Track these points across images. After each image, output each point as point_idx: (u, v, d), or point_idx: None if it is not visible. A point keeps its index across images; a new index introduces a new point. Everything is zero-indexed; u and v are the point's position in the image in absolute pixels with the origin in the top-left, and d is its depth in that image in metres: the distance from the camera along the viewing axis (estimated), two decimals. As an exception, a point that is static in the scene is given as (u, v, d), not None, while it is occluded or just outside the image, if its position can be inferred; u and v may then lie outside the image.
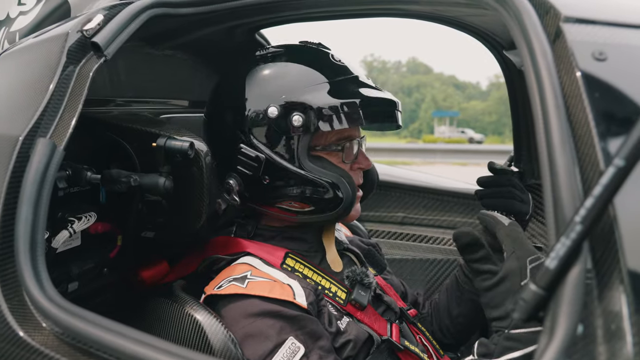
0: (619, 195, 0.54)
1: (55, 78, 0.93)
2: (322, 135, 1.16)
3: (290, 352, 0.96)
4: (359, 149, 1.22)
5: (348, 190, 1.13)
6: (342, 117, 1.11)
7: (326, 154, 1.17)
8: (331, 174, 1.14)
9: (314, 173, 1.13)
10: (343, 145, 1.18)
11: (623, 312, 0.53)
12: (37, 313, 0.71)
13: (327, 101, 1.11)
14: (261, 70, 1.19)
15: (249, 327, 1.00)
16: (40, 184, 0.78)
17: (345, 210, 1.15)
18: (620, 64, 0.65)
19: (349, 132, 1.19)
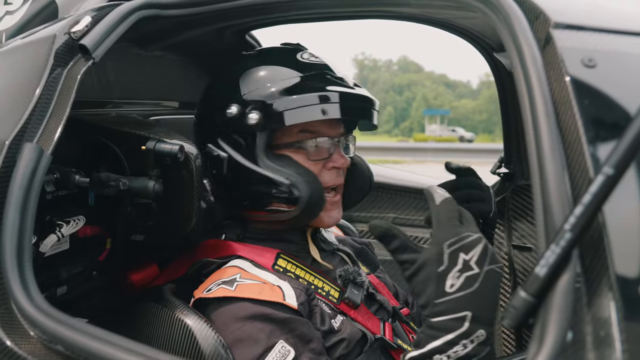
0: (608, 202, 0.54)
1: (42, 81, 0.91)
2: (285, 132, 1.16)
3: (280, 355, 0.96)
4: (335, 147, 1.19)
5: (306, 189, 1.11)
6: (296, 112, 1.10)
7: (292, 152, 1.17)
8: (290, 172, 1.12)
9: (272, 171, 1.13)
10: (305, 143, 1.16)
11: (612, 318, 0.53)
12: (25, 321, 0.70)
13: (283, 98, 1.11)
14: (229, 72, 1.23)
15: (238, 332, 1.00)
16: (27, 189, 0.77)
17: (307, 209, 1.13)
18: (609, 70, 0.65)
19: (316, 129, 1.17)
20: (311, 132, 1.17)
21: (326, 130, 1.19)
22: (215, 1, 1.20)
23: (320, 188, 1.15)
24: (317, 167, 1.17)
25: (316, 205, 1.14)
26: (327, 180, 1.18)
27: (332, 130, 1.20)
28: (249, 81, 1.18)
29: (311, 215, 1.16)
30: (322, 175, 1.18)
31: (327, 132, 1.19)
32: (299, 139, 1.17)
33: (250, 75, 1.19)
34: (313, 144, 1.17)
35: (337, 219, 1.23)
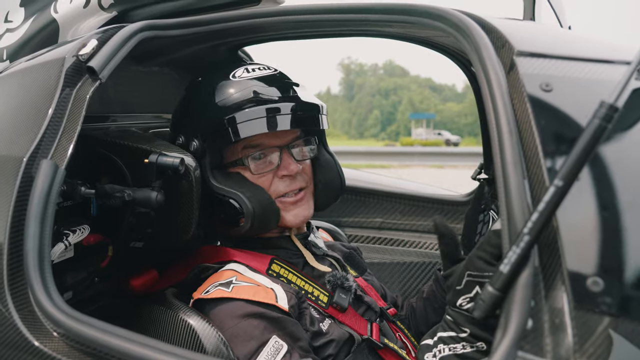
0: (561, 209, 0.64)
1: (54, 101, 0.99)
2: (230, 151, 1.26)
3: (274, 350, 1.04)
4: (283, 155, 1.25)
5: (248, 204, 1.19)
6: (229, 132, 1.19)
7: (240, 169, 1.26)
8: (232, 191, 1.21)
9: (219, 191, 1.22)
10: (247, 159, 1.24)
11: (565, 308, 0.62)
12: (48, 322, 0.78)
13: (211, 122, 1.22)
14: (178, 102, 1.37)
15: (235, 329, 1.07)
16: (45, 202, 0.84)
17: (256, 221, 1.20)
18: (564, 94, 0.74)
19: (258, 142, 1.24)
20: (254, 147, 1.25)
21: (269, 141, 1.25)
22: (212, 22, 1.28)
23: (265, 200, 1.22)
24: (268, 178, 1.25)
25: (265, 215, 1.21)
26: (280, 189, 1.26)
27: (277, 140, 1.26)
28: (188, 111, 1.29)
29: (264, 225, 1.24)
30: (275, 185, 1.25)
31: (271, 142, 1.25)
32: (244, 155, 1.25)
33: (190, 104, 1.31)
34: (255, 158, 1.25)
35: (304, 215, 1.29)
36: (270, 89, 1.26)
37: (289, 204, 1.27)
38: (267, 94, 1.24)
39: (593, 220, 0.65)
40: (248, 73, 1.29)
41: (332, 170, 1.38)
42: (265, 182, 1.25)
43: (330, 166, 1.38)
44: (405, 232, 2.11)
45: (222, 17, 1.28)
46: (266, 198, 1.22)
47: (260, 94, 1.24)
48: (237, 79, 1.28)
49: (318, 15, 1.21)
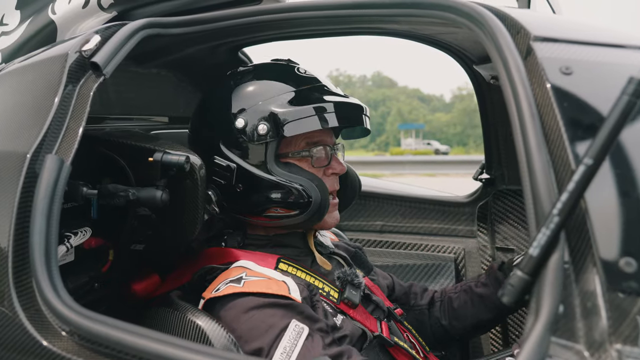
0: (589, 191, 0.62)
1: (57, 97, 0.96)
2: (290, 141, 1.23)
3: (295, 333, 1.01)
4: (332, 154, 1.27)
5: (317, 193, 1.18)
6: (304, 122, 1.18)
7: (297, 160, 1.24)
8: (300, 178, 1.20)
9: (283, 178, 1.20)
10: (311, 151, 1.24)
11: (597, 291, 0.61)
12: (56, 320, 0.74)
13: (289, 108, 1.19)
14: (231, 86, 1.29)
15: (251, 321, 1.05)
16: (52, 197, 0.81)
17: (317, 212, 1.20)
18: (584, 77, 0.74)
19: (318, 138, 1.25)
20: (313, 141, 1.25)
21: (325, 138, 1.27)
22: (214, 20, 1.26)
23: (327, 192, 1.22)
24: (319, 174, 1.25)
25: (324, 208, 1.21)
26: (328, 186, 1.25)
27: (330, 138, 1.29)
28: (251, 94, 1.24)
29: (319, 217, 1.23)
30: (324, 181, 1.25)
31: (326, 140, 1.27)
32: (303, 147, 1.25)
33: (252, 89, 1.26)
34: (315, 152, 1.25)
35: (337, 219, 1.31)
36: (331, 89, 1.28)
37: (331, 205, 1.27)
38: (333, 92, 1.27)
39: (622, 200, 0.64)
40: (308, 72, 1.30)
41: (354, 177, 1.40)
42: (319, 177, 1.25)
43: (353, 174, 1.40)
44: (406, 235, 2.10)
45: (224, 15, 1.26)
46: (327, 191, 1.23)
47: (328, 91, 1.26)
48: (302, 74, 1.28)
49: (321, 12, 1.20)
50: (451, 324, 1.47)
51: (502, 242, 1.91)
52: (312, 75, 1.29)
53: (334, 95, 1.25)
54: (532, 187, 0.66)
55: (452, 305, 1.48)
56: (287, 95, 1.21)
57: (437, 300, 1.51)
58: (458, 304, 1.46)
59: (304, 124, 1.17)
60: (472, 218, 2.00)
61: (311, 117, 1.18)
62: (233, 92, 1.27)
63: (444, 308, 1.49)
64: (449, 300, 1.49)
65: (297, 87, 1.24)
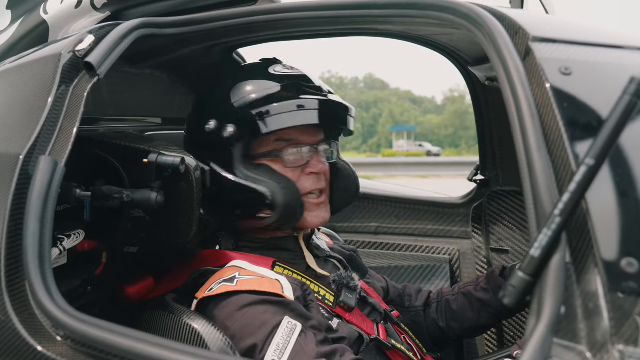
0: (590, 191, 0.62)
1: (50, 97, 0.95)
2: (261, 142, 1.23)
3: (288, 330, 1.01)
4: (312, 153, 1.25)
5: (281, 196, 1.17)
6: (268, 121, 1.17)
7: (269, 161, 1.23)
8: (266, 181, 1.18)
9: (249, 181, 1.19)
10: (282, 151, 1.22)
11: (599, 291, 0.61)
12: (50, 324, 0.73)
13: (252, 109, 1.19)
14: (209, 90, 1.32)
15: (244, 318, 1.04)
16: (45, 199, 0.80)
17: (286, 214, 1.18)
18: (583, 77, 0.74)
19: (293, 137, 1.23)
20: (287, 141, 1.23)
21: (302, 137, 1.24)
22: (209, 20, 1.25)
23: (297, 193, 1.20)
24: (296, 174, 1.23)
25: (294, 209, 1.20)
26: (306, 186, 1.24)
27: (309, 137, 1.26)
28: (224, 97, 1.25)
29: (292, 219, 1.21)
30: (302, 181, 1.23)
31: (303, 139, 1.24)
32: (275, 148, 1.23)
33: (225, 91, 1.27)
34: (289, 152, 1.23)
35: (324, 218, 1.28)
36: (312, 87, 1.26)
37: (312, 204, 1.25)
38: (312, 90, 1.25)
39: (623, 200, 0.64)
40: (286, 70, 1.29)
41: (349, 175, 1.38)
42: (293, 177, 1.23)
43: (347, 172, 1.38)
44: (401, 237, 2.10)
45: (219, 16, 1.25)
46: (296, 192, 1.21)
47: (303, 87, 1.24)
48: (278, 72, 1.27)
49: (317, 12, 1.19)
50: (449, 325, 1.47)
51: (497, 243, 1.91)
52: (293, 74, 1.28)
53: (309, 94, 1.23)
54: (532, 187, 0.66)
55: (450, 307, 1.47)
56: (254, 95, 1.21)
57: (433, 302, 1.51)
58: (457, 307, 1.46)
59: (268, 123, 1.17)
60: (466, 219, 2.00)
61: (277, 116, 1.17)
62: (210, 95, 1.29)
63: (442, 310, 1.49)
64: (446, 303, 1.49)
65: (270, 86, 1.23)
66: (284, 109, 1.18)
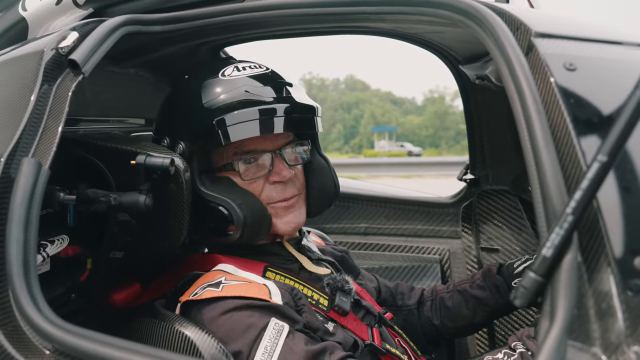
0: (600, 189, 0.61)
1: (32, 97, 0.90)
2: (220, 154, 1.18)
3: (275, 332, 0.98)
4: (274, 160, 1.18)
5: (238, 212, 1.11)
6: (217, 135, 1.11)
7: (229, 174, 1.18)
8: (222, 198, 1.13)
9: (207, 197, 1.14)
10: (236, 164, 1.16)
11: (612, 291, 0.59)
12: (37, 337, 0.69)
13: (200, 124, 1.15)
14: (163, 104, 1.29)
15: (229, 323, 1.00)
16: (29, 204, 0.75)
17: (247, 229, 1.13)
18: (588, 73, 0.73)
19: (249, 147, 1.17)
20: (245, 151, 1.17)
21: (261, 145, 1.17)
22: (196, 18, 1.21)
23: (257, 208, 1.15)
24: (259, 184, 1.18)
25: (256, 224, 1.14)
26: (273, 196, 1.18)
27: (270, 143, 1.18)
28: (173, 111, 1.22)
29: (255, 233, 1.16)
30: (267, 191, 1.18)
31: (262, 146, 1.18)
32: (233, 160, 1.17)
33: (176, 104, 1.23)
34: (245, 163, 1.17)
35: (296, 222, 1.22)
36: (263, 89, 1.18)
37: (280, 209, 1.20)
38: (260, 95, 1.16)
39: (635, 197, 0.62)
40: (238, 72, 1.21)
41: (326, 174, 1.31)
42: (257, 189, 1.17)
43: (324, 171, 1.31)
44: (391, 237, 2.08)
45: (208, 13, 1.21)
46: (258, 205, 1.15)
47: (252, 94, 1.16)
48: (227, 77, 1.20)
49: (306, 9, 1.17)
50: (443, 323, 1.45)
51: (487, 242, 1.91)
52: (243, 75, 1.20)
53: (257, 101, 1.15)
54: (541, 186, 0.64)
55: (445, 305, 1.46)
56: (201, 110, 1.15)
57: (427, 300, 1.49)
58: (452, 304, 1.44)
59: (218, 137, 1.11)
60: (456, 219, 1.99)
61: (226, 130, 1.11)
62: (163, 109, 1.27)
63: (436, 307, 1.47)
64: (441, 300, 1.47)
65: (216, 97, 1.16)
66: (236, 119, 1.12)
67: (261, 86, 1.19)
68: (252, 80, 1.20)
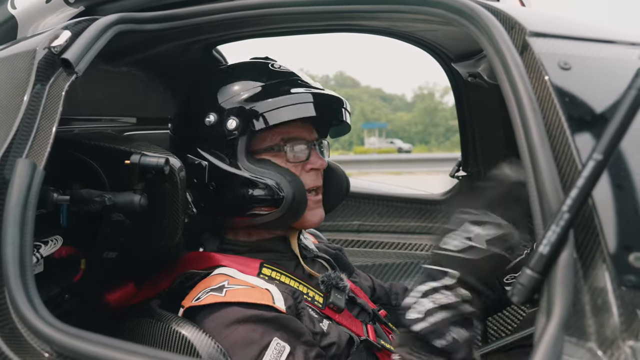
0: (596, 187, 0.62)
1: (25, 96, 0.89)
2: (265, 137, 1.20)
3: (276, 352, 0.98)
4: (311, 150, 1.24)
5: (289, 188, 1.15)
6: (272, 114, 1.15)
7: (271, 156, 1.21)
8: (272, 173, 1.16)
9: (255, 174, 1.16)
10: (285, 146, 1.21)
11: (607, 287, 0.60)
12: (35, 339, 0.68)
13: (258, 102, 1.17)
14: (204, 85, 1.28)
15: (233, 336, 1.01)
16: (24, 205, 0.75)
17: (292, 208, 1.16)
18: (583, 72, 0.74)
19: (294, 134, 1.22)
20: (289, 136, 1.22)
21: (302, 134, 1.24)
22: (189, 16, 1.21)
23: (303, 187, 1.19)
24: (297, 170, 1.22)
25: (300, 204, 1.17)
26: (307, 182, 1.22)
27: (308, 134, 1.25)
28: (225, 91, 1.22)
29: (296, 214, 1.19)
30: (302, 177, 1.21)
31: (303, 135, 1.24)
32: (277, 143, 1.21)
33: (226, 85, 1.23)
34: (291, 147, 1.21)
35: (321, 217, 1.27)
36: (304, 82, 1.25)
37: (312, 202, 1.23)
38: (309, 85, 1.24)
39: (630, 194, 0.63)
40: (283, 67, 1.29)
41: (341, 174, 1.37)
42: (296, 172, 1.21)
43: (339, 171, 1.37)
44: (384, 234, 2.09)
45: (202, 11, 1.21)
46: (302, 186, 1.19)
47: (304, 83, 1.24)
48: (276, 68, 1.27)
49: (302, 7, 1.17)
50: None
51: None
52: (287, 70, 1.28)
53: (307, 87, 1.23)
54: (537, 184, 0.65)
55: None
56: (257, 89, 1.20)
57: None
58: None
59: (273, 116, 1.15)
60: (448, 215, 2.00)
61: (281, 109, 1.16)
62: (208, 90, 1.25)
63: None
64: None
65: (269, 81, 1.22)
66: (287, 102, 1.17)
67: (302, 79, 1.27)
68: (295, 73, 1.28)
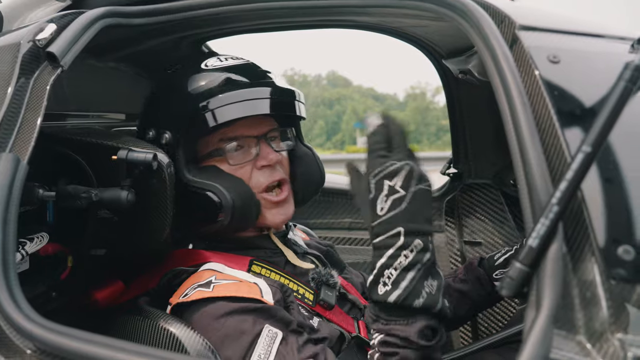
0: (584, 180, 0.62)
1: (9, 89, 0.88)
2: (206, 142, 1.19)
3: (269, 339, 0.97)
4: (261, 145, 1.19)
5: (227, 196, 1.12)
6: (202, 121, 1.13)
7: (216, 161, 1.19)
8: (209, 183, 1.14)
9: (195, 185, 1.15)
10: (223, 149, 1.18)
11: (596, 280, 0.60)
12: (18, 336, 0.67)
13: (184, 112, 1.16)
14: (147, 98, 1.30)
15: (223, 329, 1.00)
16: (7, 201, 0.73)
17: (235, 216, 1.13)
18: (571, 65, 0.74)
19: (235, 132, 1.18)
20: (230, 138, 1.18)
21: (246, 131, 1.19)
22: (178, 10, 1.19)
23: (246, 192, 1.15)
24: (247, 170, 1.18)
25: (245, 209, 1.15)
26: (262, 181, 1.19)
27: (255, 129, 1.20)
28: (158, 102, 1.22)
29: (245, 219, 1.17)
30: (255, 177, 1.19)
31: (248, 132, 1.19)
32: (219, 147, 1.18)
33: (161, 96, 1.24)
34: (232, 148, 1.18)
35: (285, 214, 1.23)
36: (245, 75, 1.21)
37: (270, 202, 1.20)
38: (242, 79, 1.19)
39: (618, 187, 0.63)
40: (220, 62, 1.23)
41: (311, 162, 1.32)
42: (245, 175, 1.18)
43: (308, 158, 1.32)
44: (375, 232, 2.08)
45: (190, 5, 1.19)
46: (246, 189, 1.16)
47: (235, 79, 1.19)
48: (209, 67, 1.22)
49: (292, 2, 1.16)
50: None
51: (470, 235, 1.92)
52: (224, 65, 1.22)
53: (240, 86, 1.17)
54: (526, 177, 0.65)
55: None
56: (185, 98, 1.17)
57: None
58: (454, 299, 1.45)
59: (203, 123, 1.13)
60: (439, 213, 2.00)
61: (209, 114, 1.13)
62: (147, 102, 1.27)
63: None
64: None
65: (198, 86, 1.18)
66: (220, 102, 1.13)
67: (243, 73, 1.22)
68: (234, 69, 1.22)
